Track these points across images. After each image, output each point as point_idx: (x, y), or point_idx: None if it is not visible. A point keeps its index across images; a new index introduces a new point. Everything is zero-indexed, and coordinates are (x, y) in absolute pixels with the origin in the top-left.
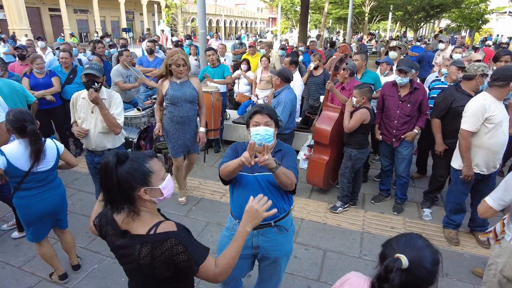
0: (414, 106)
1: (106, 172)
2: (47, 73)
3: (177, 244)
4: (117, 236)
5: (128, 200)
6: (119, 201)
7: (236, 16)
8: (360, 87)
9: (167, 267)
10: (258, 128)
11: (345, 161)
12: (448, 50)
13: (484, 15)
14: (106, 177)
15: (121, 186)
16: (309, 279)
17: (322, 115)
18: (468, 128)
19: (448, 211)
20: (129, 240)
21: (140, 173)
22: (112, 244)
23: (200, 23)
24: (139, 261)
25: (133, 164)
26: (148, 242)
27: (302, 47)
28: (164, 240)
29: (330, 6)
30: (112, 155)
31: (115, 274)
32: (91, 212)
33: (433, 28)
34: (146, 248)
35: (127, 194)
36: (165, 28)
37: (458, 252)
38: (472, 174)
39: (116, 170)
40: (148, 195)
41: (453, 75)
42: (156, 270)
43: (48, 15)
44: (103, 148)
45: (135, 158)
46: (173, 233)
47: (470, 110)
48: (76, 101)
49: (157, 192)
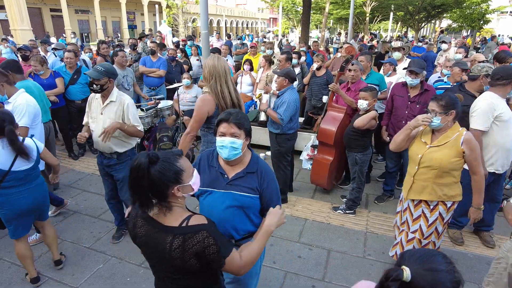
0: (423, 107)
1: (139, 173)
2: (51, 73)
3: (208, 236)
4: (149, 226)
5: (161, 198)
6: (150, 200)
7: (237, 16)
8: (370, 88)
9: (197, 260)
10: (223, 139)
11: (352, 166)
12: (451, 50)
13: (486, 15)
14: (138, 178)
15: (154, 186)
16: (313, 279)
17: (327, 116)
18: (479, 127)
19: (456, 212)
20: (161, 231)
21: (172, 172)
22: (140, 237)
23: (203, 24)
24: (171, 253)
25: (165, 164)
26: (180, 234)
27: (303, 47)
28: (196, 232)
29: (331, 7)
30: (144, 157)
31: (120, 274)
32: (95, 212)
33: (434, 28)
34: (178, 240)
35: (160, 193)
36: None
37: (462, 252)
38: (486, 173)
39: (149, 171)
40: (180, 192)
41: (457, 76)
42: (186, 263)
43: (49, 16)
44: (110, 150)
45: (166, 158)
46: (204, 225)
47: (479, 109)
48: (92, 100)
49: (188, 188)
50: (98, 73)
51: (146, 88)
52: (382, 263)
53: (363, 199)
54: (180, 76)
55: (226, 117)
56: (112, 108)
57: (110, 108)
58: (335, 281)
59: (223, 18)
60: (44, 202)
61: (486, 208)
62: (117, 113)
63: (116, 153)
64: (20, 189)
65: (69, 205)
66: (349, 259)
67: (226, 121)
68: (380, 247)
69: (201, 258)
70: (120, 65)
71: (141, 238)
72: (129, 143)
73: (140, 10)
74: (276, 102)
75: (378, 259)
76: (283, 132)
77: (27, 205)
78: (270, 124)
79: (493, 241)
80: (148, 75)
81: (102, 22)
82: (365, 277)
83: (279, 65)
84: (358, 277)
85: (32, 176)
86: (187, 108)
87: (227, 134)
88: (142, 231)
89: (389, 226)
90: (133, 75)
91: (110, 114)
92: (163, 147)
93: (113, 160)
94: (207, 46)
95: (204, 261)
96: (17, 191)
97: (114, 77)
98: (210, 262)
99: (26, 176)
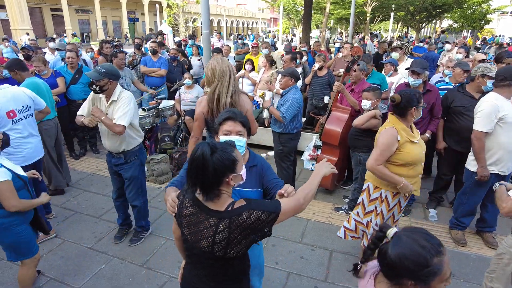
0: (426, 108)
1: (203, 161)
2: (53, 73)
3: (252, 211)
4: (195, 208)
5: (215, 185)
6: (213, 186)
7: (237, 16)
8: (373, 88)
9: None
10: (229, 138)
11: (355, 166)
12: (454, 51)
13: (486, 15)
14: (204, 166)
15: (216, 173)
16: (316, 279)
17: (332, 116)
18: (482, 129)
19: (459, 213)
20: (208, 214)
21: (230, 161)
22: (186, 216)
23: (204, 23)
24: (215, 235)
25: (224, 153)
26: (226, 217)
27: (305, 47)
28: (240, 213)
29: (331, 7)
30: (206, 146)
31: (122, 274)
32: (96, 212)
33: (435, 29)
34: (223, 223)
35: (217, 180)
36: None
37: (464, 253)
38: (487, 174)
39: (212, 159)
40: (233, 180)
41: (458, 77)
42: (228, 247)
43: (50, 15)
44: (117, 150)
45: (223, 148)
46: (245, 205)
47: (483, 110)
48: (96, 99)
49: (239, 177)
50: (98, 74)
51: None
52: None
53: None
54: (182, 75)
55: (231, 115)
56: (115, 107)
57: (113, 107)
58: (337, 282)
59: (224, 18)
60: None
61: (489, 209)
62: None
63: (123, 152)
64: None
65: (71, 205)
66: (352, 259)
67: (232, 120)
68: None
69: (251, 235)
70: (118, 67)
71: (186, 218)
72: (134, 138)
73: (140, 9)
74: (280, 101)
75: None
76: (286, 131)
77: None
78: (273, 123)
79: (495, 242)
80: (149, 75)
81: (102, 21)
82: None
83: (283, 65)
84: None
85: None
86: (188, 108)
87: (233, 133)
88: (188, 211)
89: None
90: (132, 75)
91: (114, 114)
92: (164, 146)
93: (120, 159)
94: (209, 46)
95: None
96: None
97: (114, 78)
98: (266, 226)
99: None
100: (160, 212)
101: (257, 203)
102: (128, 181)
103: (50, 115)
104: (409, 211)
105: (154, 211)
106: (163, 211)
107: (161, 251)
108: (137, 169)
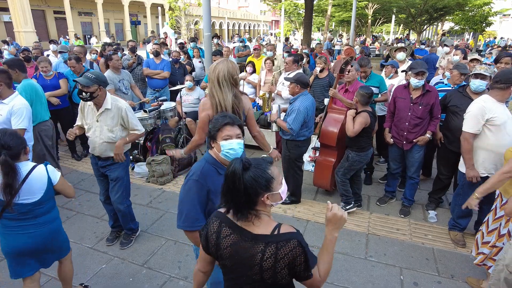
0: (425, 109)
1: (234, 178)
2: (56, 75)
3: (299, 245)
4: (237, 235)
5: (250, 205)
6: (245, 206)
7: (239, 18)
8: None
9: (287, 271)
10: (231, 142)
11: (343, 161)
12: (452, 53)
13: (488, 18)
14: (234, 184)
15: (247, 192)
16: None
17: (328, 118)
18: (469, 130)
19: (455, 214)
20: (252, 240)
21: (264, 180)
22: (225, 248)
23: (205, 26)
24: (262, 262)
25: (258, 171)
26: (273, 241)
27: (306, 49)
28: (288, 240)
29: (333, 9)
30: (238, 163)
31: (123, 274)
32: (98, 212)
33: (436, 31)
34: (270, 248)
35: (251, 200)
36: (168, 30)
37: (464, 254)
38: (475, 175)
39: (243, 176)
40: (270, 199)
41: (455, 79)
42: (276, 275)
43: (53, 18)
44: (107, 155)
45: (258, 165)
46: (295, 234)
47: (470, 112)
48: (84, 107)
49: (277, 196)
50: (88, 80)
51: (150, 90)
52: (384, 264)
53: (364, 201)
54: (183, 78)
55: (230, 120)
56: (108, 116)
57: (105, 115)
58: (336, 282)
59: (225, 21)
60: (52, 243)
61: (484, 210)
62: (114, 120)
63: (112, 157)
64: (21, 224)
65: (72, 205)
66: (351, 260)
67: (231, 124)
68: (382, 249)
69: (290, 268)
70: (115, 69)
71: (226, 249)
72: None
73: (142, 12)
74: (288, 109)
75: (379, 261)
76: (293, 138)
77: (27, 244)
78: (281, 130)
79: None
80: (152, 77)
81: (105, 24)
82: (366, 278)
83: (285, 66)
84: (360, 278)
85: (37, 211)
86: (189, 110)
87: (233, 137)
88: (228, 242)
89: (391, 228)
90: (130, 77)
91: (107, 121)
92: (165, 148)
93: (108, 160)
94: (210, 48)
95: (292, 272)
96: (18, 225)
97: (104, 85)
98: (298, 272)
99: (29, 211)
100: (161, 213)
101: (304, 241)
102: (114, 182)
103: (45, 116)
104: (409, 213)
105: (154, 211)
106: (164, 212)
107: (161, 251)
108: (123, 169)
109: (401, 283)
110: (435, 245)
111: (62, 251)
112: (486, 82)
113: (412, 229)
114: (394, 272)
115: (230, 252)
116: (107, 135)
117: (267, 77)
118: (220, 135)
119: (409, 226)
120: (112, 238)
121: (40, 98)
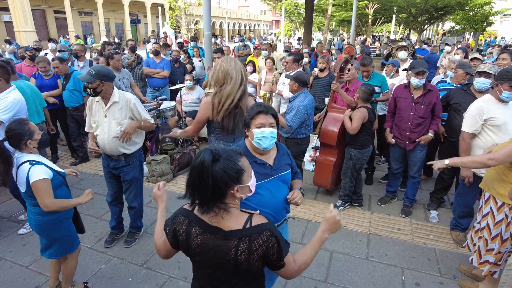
0: (427, 108)
1: (202, 170)
2: (54, 74)
3: (271, 235)
4: (208, 234)
5: (220, 199)
6: (212, 200)
7: (240, 18)
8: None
9: (262, 261)
10: (263, 130)
11: (346, 160)
12: (453, 52)
13: (489, 17)
14: (202, 176)
15: (216, 185)
16: (316, 280)
17: (328, 117)
18: (467, 130)
19: (456, 214)
20: (224, 237)
21: (234, 171)
22: (195, 247)
23: (206, 26)
24: (237, 257)
25: (228, 162)
26: (245, 236)
27: (306, 49)
28: (261, 232)
29: (333, 9)
30: (207, 154)
31: (122, 274)
32: (97, 212)
33: (437, 31)
34: (244, 243)
35: (220, 193)
36: (168, 30)
37: (466, 255)
38: (468, 175)
39: (212, 168)
40: (239, 192)
41: (460, 78)
42: (251, 266)
43: (53, 18)
44: (119, 152)
45: (228, 156)
46: (267, 224)
47: (469, 111)
48: (92, 104)
49: (246, 189)
50: (89, 76)
51: (149, 89)
52: (385, 264)
53: (365, 201)
54: (183, 77)
55: (263, 109)
56: (116, 109)
57: (113, 109)
58: (337, 283)
59: (226, 20)
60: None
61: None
62: (123, 112)
63: (124, 155)
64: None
65: None
66: (352, 260)
67: (265, 113)
68: (383, 249)
69: (264, 258)
70: (115, 69)
71: (198, 248)
72: (137, 142)
73: (143, 12)
74: (288, 107)
75: (381, 261)
76: (293, 136)
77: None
78: (280, 128)
79: None
80: (152, 76)
81: (105, 24)
82: (368, 279)
83: (285, 66)
84: (361, 279)
85: (32, 201)
86: (189, 109)
87: (266, 125)
88: (199, 241)
89: (392, 228)
90: (130, 76)
91: (115, 115)
92: (165, 147)
93: (121, 162)
94: (210, 48)
95: (265, 262)
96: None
97: (107, 79)
98: (271, 262)
99: (27, 198)
100: None
101: (277, 230)
102: (129, 183)
103: (36, 119)
104: (410, 213)
105: (154, 211)
106: None
107: None
108: (137, 170)
109: (402, 283)
110: (437, 245)
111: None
112: (490, 80)
113: (414, 229)
114: (395, 272)
115: (202, 251)
116: (116, 130)
117: (267, 77)
118: (253, 123)
119: (411, 226)
120: (110, 240)
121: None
